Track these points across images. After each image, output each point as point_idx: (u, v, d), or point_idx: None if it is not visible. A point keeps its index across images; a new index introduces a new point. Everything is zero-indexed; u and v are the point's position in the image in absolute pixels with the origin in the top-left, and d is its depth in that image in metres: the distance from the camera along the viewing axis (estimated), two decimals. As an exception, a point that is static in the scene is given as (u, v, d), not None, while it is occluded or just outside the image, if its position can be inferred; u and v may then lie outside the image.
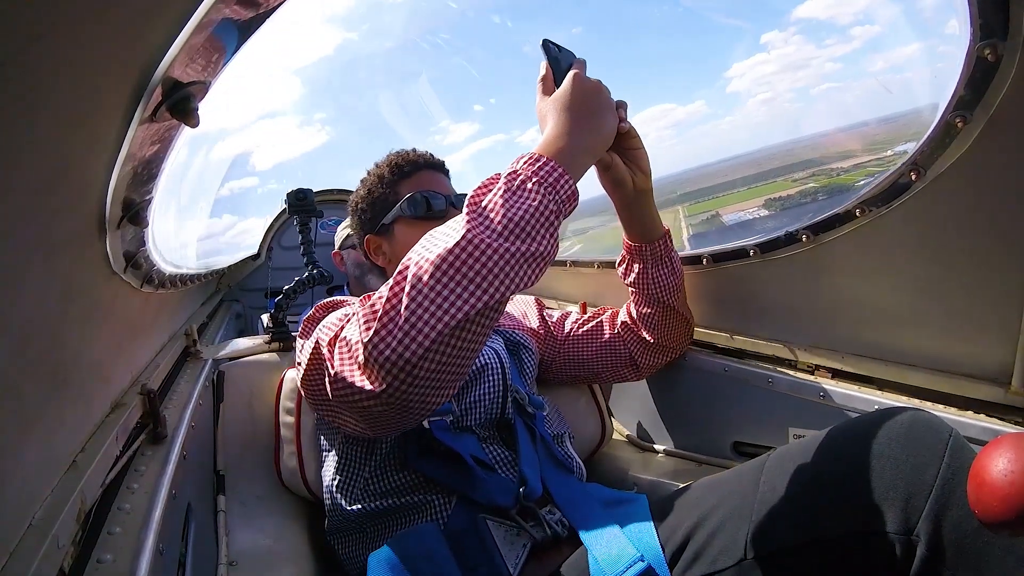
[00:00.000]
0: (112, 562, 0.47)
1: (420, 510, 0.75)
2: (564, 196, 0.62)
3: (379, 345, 0.55)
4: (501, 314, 0.59)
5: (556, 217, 0.61)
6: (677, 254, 0.98)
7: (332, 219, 2.80)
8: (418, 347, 0.54)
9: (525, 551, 0.69)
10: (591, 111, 0.71)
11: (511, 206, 0.58)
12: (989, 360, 0.71)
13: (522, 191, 0.60)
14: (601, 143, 0.72)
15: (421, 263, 0.56)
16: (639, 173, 0.86)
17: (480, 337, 0.58)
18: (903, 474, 0.53)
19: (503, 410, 0.85)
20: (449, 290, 0.55)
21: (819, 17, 21.29)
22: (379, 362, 0.55)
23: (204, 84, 0.42)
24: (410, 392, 0.57)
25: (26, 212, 0.36)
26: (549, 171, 0.62)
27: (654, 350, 1.03)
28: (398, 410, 0.59)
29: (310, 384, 0.73)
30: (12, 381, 0.40)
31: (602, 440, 1.15)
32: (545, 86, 0.74)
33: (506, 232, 0.57)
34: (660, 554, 0.62)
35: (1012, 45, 0.54)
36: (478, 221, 0.58)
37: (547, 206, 0.60)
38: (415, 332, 0.54)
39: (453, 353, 0.56)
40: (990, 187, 0.65)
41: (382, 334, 0.55)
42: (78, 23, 0.30)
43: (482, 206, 0.59)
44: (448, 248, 0.56)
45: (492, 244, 0.56)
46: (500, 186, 0.60)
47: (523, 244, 0.57)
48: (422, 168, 1.00)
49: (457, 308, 0.54)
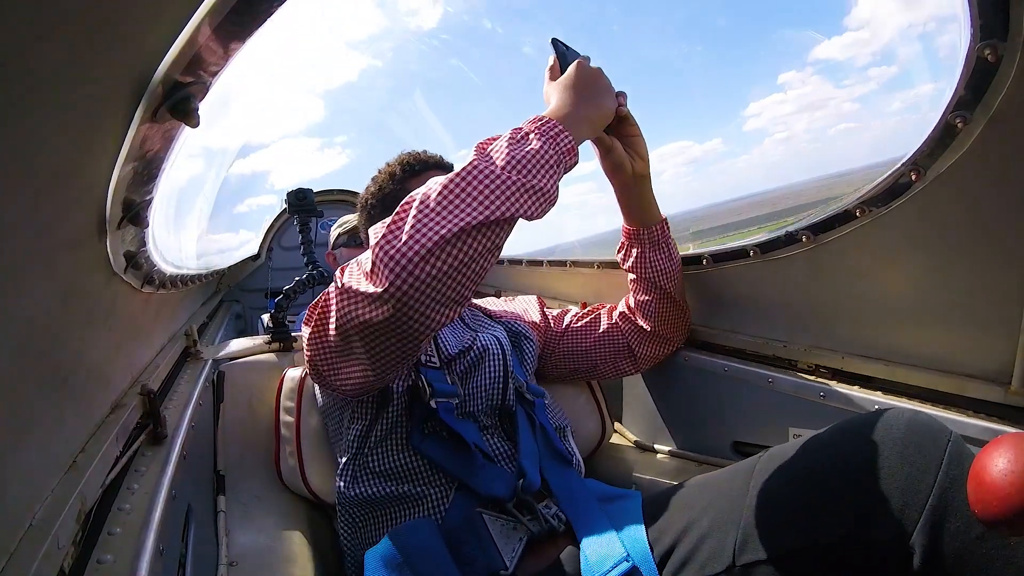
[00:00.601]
0: (112, 562, 0.47)
1: (419, 502, 0.76)
2: (564, 148, 0.67)
3: (385, 247, 0.59)
4: (503, 239, 0.63)
5: (556, 165, 0.65)
6: (675, 243, 1.00)
7: (332, 219, 2.80)
8: (420, 247, 0.58)
9: (521, 545, 0.69)
10: (592, 91, 0.77)
11: (514, 148, 0.64)
12: (989, 360, 0.71)
13: (524, 140, 0.66)
14: (600, 118, 0.78)
15: (429, 188, 0.62)
16: (638, 159, 0.90)
17: (480, 255, 0.61)
18: (898, 481, 0.51)
19: (504, 396, 0.86)
20: (453, 204, 0.60)
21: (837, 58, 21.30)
22: (384, 260, 0.59)
23: (204, 84, 0.42)
24: (411, 293, 0.59)
25: (26, 212, 0.36)
26: (551, 127, 0.67)
27: (652, 340, 1.04)
28: (400, 320, 0.61)
29: (315, 341, 0.74)
30: (12, 381, 0.40)
31: (602, 439, 1.15)
32: (552, 74, 0.81)
33: (508, 167, 0.62)
34: (648, 554, 0.63)
35: (1012, 45, 0.54)
36: (482, 157, 0.63)
37: (547, 152, 0.65)
38: (419, 235, 0.58)
39: (454, 263, 0.59)
40: (990, 187, 0.65)
41: (388, 238, 0.60)
42: (78, 23, 0.30)
43: (487, 151, 0.65)
44: (455, 172, 0.62)
45: (495, 172, 0.62)
46: (505, 136, 0.66)
47: (523, 177, 0.62)
48: (432, 168, 1.03)
49: (459, 218, 0.59)
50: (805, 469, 0.58)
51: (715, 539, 0.59)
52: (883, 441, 0.54)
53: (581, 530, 0.69)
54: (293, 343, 1.10)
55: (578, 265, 1.40)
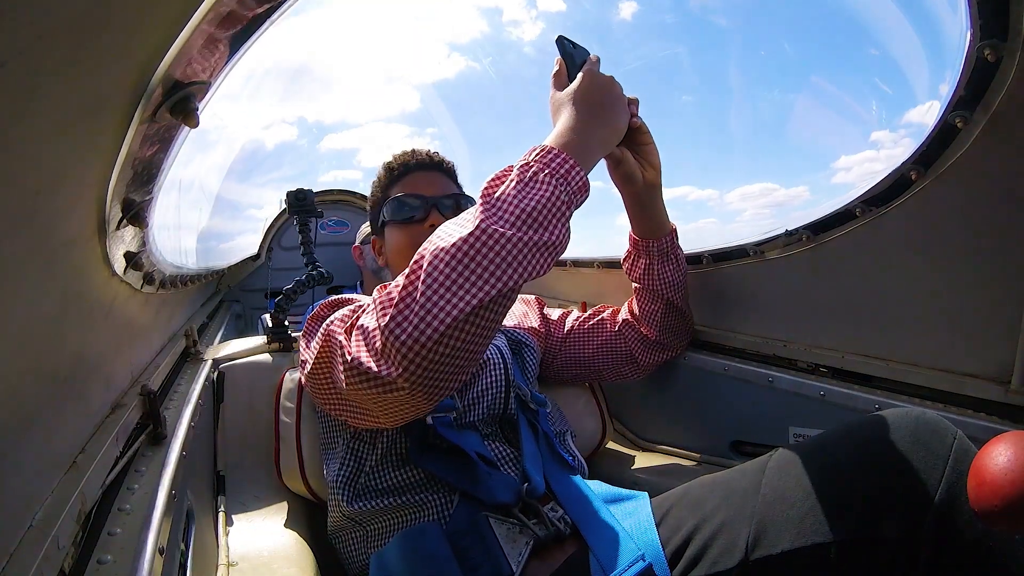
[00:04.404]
0: (112, 563, 0.47)
1: (422, 508, 0.75)
2: (575, 187, 0.63)
3: (395, 330, 0.56)
4: (514, 300, 0.61)
5: (568, 208, 0.62)
6: (682, 251, 0.99)
7: (332, 219, 2.80)
8: (433, 332, 0.55)
9: (527, 549, 0.68)
10: (603, 105, 0.72)
11: (524, 197, 0.60)
12: (989, 359, 0.71)
13: (534, 182, 0.61)
14: (612, 136, 0.74)
15: (437, 252, 0.58)
16: (649, 168, 0.87)
17: (493, 324, 0.59)
18: (907, 478, 0.53)
19: (506, 406, 0.85)
20: (464, 278, 0.56)
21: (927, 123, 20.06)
22: (396, 346, 0.56)
23: (205, 84, 0.42)
24: (426, 376, 0.57)
25: (26, 213, 0.36)
26: (561, 162, 0.63)
27: (654, 347, 1.03)
28: (413, 395, 0.60)
29: (318, 379, 0.73)
30: (12, 381, 0.40)
31: (602, 439, 1.15)
32: (559, 81, 0.76)
33: (519, 222, 0.59)
34: (661, 553, 0.62)
35: (1012, 45, 0.54)
36: (491, 212, 0.59)
37: (559, 196, 0.61)
38: (430, 317, 0.55)
39: (468, 339, 0.57)
40: (990, 187, 0.65)
41: (398, 319, 0.56)
42: (78, 23, 0.30)
43: (495, 197, 0.61)
44: (463, 237, 0.57)
45: (506, 233, 0.58)
46: (513, 177, 0.62)
47: (536, 233, 0.59)
48: (413, 170, 1.01)
49: (472, 295, 0.56)
50: (817, 466, 0.59)
51: (727, 536, 0.59)
52: (892, 439, 0.55)
53: (590, 532, 0.68)
54: (293, 343, 1.10)
55: (578, 264, 1.40)
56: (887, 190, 0.73)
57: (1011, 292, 0.66)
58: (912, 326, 0.79)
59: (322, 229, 2.73)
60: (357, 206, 2.86)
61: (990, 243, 0.68)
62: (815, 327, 0.92)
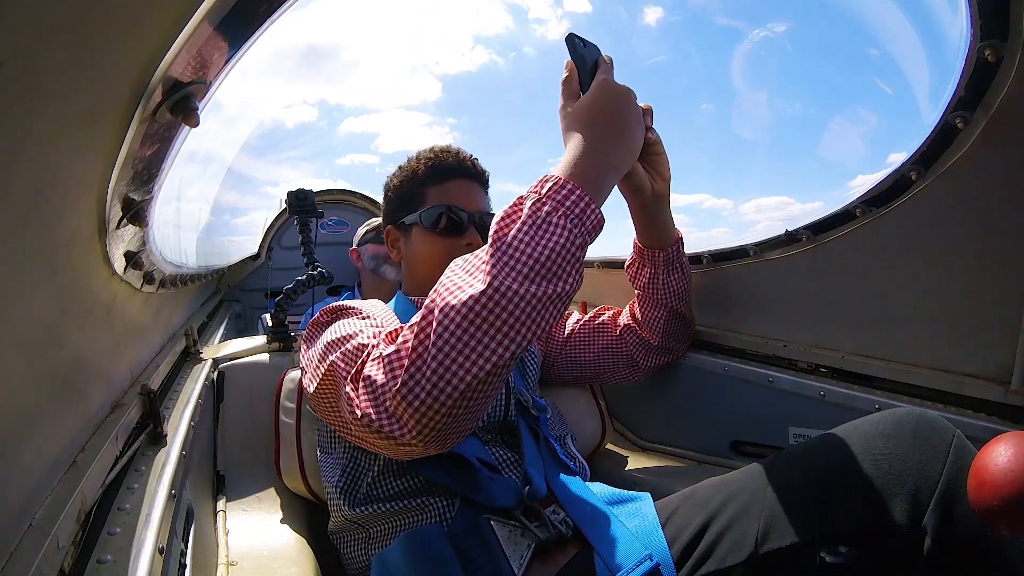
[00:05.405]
0: (112, 562, 0.47)
1: (424, 512, 0.75)
2: (590, 227, 0.60)
3: (407, 395, 0.55)
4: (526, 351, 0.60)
5: (581, 250, 0.59)
6: (687, 259, 0.97)
7: (332, 219, 2.80)
8: (447, 398, 0.55)
9: (529, 551, 0.68)
10: (619, 126, 0.66)
11: (537, 243, 0.57)
12: (989, 360, 0.71)
13: (547, 225, 0.58)
14: (629, 160, 0.68)
15: (447, 310, 0.55)
16: (659, 179, 0.84)
17: (506, 375, 0.58)
18: (910, 470, 0.55)
19: (506, 413, 0.85)
20: (476, 339, 0.55)
21: None
22: (408, 411, 0.56)
23: (205, 84, 0.42)
24: (438, 432, 0.57)
25: (27, 212, 0.36)
26: (575, 201, 0.59)
27: (655, 352, 1.03)
28: (426, 448, 0.59)
29: (321, 403, 0.73)
30: (12, 381, 0.40)
31: (602, 440, 1.15)
32: (569, 89, 0.69)
33: (532, 273, 0.56)
34: (667, 553, 0.63)
35: (1012, 46, 0.54)
36: (503, 260, 0.56)
37: (573, 241, 0.58)
38: (443, 383, 0.54)
39: (481, 397, 0.57)
40: (990, 187, 0.65)
41: (410, 384, 0.55)
42: (78, 23, 0.30)
43: (507, 243, 0.57)
44: (475, 296, 0.55)
45: (519, 291, 0.55)
46: (525, 219, 0.58)
47: (549, 285, 0.56)
48: (457, 176, 0.94)
49: (485, 359, 0.55)
50: (823, 461, 0.60)
51: (737, 531, 0.60)
52: (895, 435, 0.58)
53: (593, 534, 0.68)
54: (293, 343, 1.10)
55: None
56: (887, 190, 0.73)
57: (1011, 292, 0.66)
58: (912, 326, 0.79)
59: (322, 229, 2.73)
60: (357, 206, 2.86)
61: (990, 243, 0.68)
62: (815, 327, 0.92)
